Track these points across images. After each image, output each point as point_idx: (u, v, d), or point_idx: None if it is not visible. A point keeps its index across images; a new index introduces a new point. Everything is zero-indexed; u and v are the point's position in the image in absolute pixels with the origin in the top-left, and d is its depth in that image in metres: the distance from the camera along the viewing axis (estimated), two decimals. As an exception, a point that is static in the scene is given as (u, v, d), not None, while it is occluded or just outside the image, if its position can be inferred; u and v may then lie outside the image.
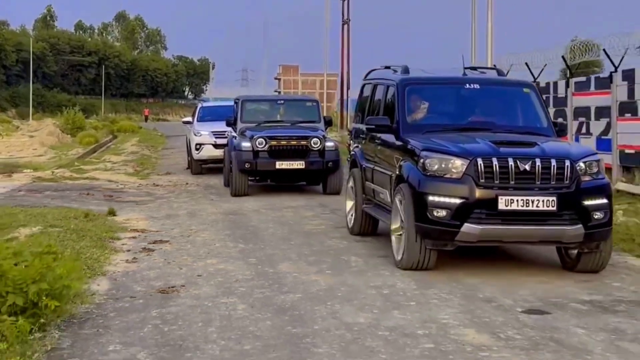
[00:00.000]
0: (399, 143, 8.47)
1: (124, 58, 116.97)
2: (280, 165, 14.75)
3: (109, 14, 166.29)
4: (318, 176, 15.25)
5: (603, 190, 7.62)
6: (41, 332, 5.31)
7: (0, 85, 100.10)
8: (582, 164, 7.52)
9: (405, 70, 9.43)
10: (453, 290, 6.92)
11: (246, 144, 14.81)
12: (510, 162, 7.30)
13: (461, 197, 7.31)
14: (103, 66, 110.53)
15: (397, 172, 8.17)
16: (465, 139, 8.02)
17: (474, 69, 10.05)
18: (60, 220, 9.50)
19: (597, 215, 7.42)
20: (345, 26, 46.68)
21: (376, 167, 9.30)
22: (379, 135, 9.17)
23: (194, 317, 5.95)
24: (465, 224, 7.24)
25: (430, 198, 7.40)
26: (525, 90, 9.20)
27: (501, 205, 7.21)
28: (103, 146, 34.57)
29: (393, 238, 8.11)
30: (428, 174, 7.54)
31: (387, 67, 10.04)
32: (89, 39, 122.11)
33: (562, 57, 16.66)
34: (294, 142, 14.94)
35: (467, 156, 7.42)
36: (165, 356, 5.04)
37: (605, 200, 7.53)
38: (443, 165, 7.48)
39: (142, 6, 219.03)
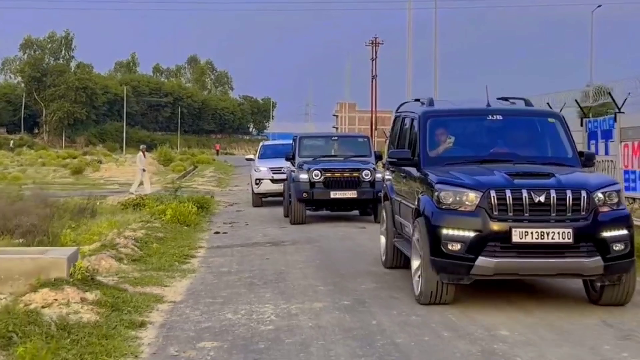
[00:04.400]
0: (419, 176, 8.36)
1: (195, 98, 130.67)
2: (335, 194, 16.21)
3: (182, 57, 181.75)
4: (369, 205, 16.57)
5: (623, 221, 7.37)
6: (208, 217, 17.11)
7: (90, 123, 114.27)
8: (600, 195, 7.33)
9: (430, 102, 9.38)
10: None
11: (304, 176, 16.35)
12: (524, 193, 7.16)
13: (475, 230, 7.15)
14: (178, 106, 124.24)
15: (416, 206, 8.05)
16: (483, 170, 7.86)
17: (506, 99, 9.66)
18: (196, 198, 21.34)
19: (617, 246, 7.22)
20: (374, 65, 58.40)
21: (402, 201, 9.18)
22: (404, 168, 9.09)
23: (247, 215, 17.63)
24: (480, 258, 7.10)
25: (445, 231, 7.26)
26: (550, 120, 9.01)
27: (515, 238, 7.06)
28: (189, 173, 46.88)
29: (413, 272, 8.00)
30: (443, 207, 7.40)
31: (417, 100, 9.97)
32: (166, 81, 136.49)
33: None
34: (347, 174, 16.39)
35: (480, 188, 7.28)
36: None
37: (625, 232, 7.31)
38: (457, 198, 7.33)
39: (212, 50, 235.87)
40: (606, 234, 7.21)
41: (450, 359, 5.90)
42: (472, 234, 7.15)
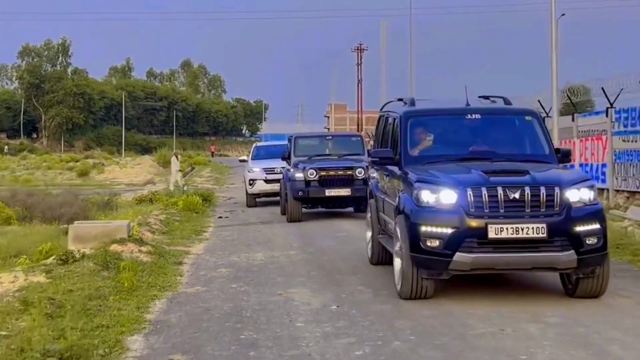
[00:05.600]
0: (400, 174, 8.54)
1: (189, 102, 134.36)
2: (330, 192, 16.69)
3: (175, 62, 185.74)
4: (362, 202, 15.79)
5: (596, 215, 7.54)
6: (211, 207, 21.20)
7: (88, 128, 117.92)
8: (573, 191, 7.55)
9: (412, 102, 9.56)
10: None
11: (299, 175, 16.80)
12: (500, 190, 7.34)
13: (452, 227, 7.33)
14: (173, 110, 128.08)
15: (396, 204, 8.24)
16: (460, 169, 8.03)
17: (486, 97, 9.87)
18: (200, 192, 25.28)
19: (590, 241, 7.41)
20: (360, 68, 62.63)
21: (386, 198, 9.33)
22: (387, 166, 9.27)
23: (247, 213, 21.66)
24: (457, 253, 7.28)
25: (423, 228, 7.46)
26: (527, 118, 9.15)
27: (491, 234, 7.24)
28: (188, 173, 50.89)
29: (394, 267, 8.23)
30: (422, 205, 7.59)
31: (400, 100, 10.11)
32: (160, 85, 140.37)
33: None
34: (341, 172, 16.82)
35: (457, 186, 7.46)
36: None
37: (598, 226, 7.49)
38: (435, 196, 7.52)
39: (205, 54, 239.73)
40: (579, 228, 7.40)
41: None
42: (449, 231, 7.36)
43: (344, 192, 16.73)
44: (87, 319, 6.90)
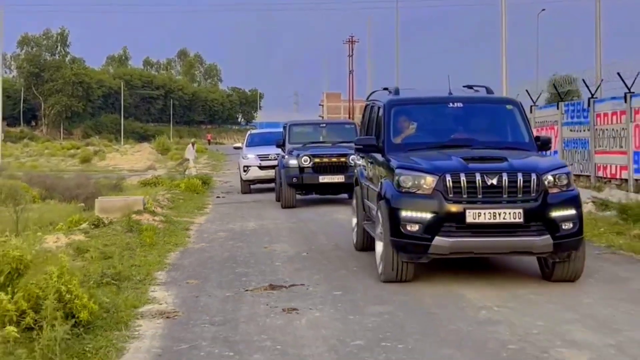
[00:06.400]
0: (383, 161, 8.70)
1: (186, 90, 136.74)
2: (323, 179, 16.99)
3: (172, 51, 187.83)
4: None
5: (572, 201, 7.71)
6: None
7: (86, 116, 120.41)
8: (550, 177, 7.68)
9: (396, 91, 9.74)
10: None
11: (293, 162, 17.16)
12: (478, 177, 7.51)
13: (432, 212, 7.50)
14: (170, 98, 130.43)
15: (378, 190, 8.44)
16: (440, 156, 8.20)
17: (470, 87, 10.10)
18: (200, 176, 27.84)
19: (566, 225, 7.58)
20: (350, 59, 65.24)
21: (370, 185, 9.49)
22: (371, 154, 9.41)
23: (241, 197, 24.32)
24: (436, 238, 7.46)
25: (404, 213, 7.63)
26: (508, 107, 9.35)
27: (469, 219, 7.43)
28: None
29: (376, 252, 8.42)
30: (402, 190, 7.76)
31: (385, 89, 10.31)
32: (157, 74, 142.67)
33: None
34: (334, 159, 17.13)
35: (436, 173, 7.63)
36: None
37: (574, 212, 7.66)
38: (415, 182, 7.69)
39: (202, 43, 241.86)
40: (555, 214, 7.57)
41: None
42: (429, 216, 7.54)
43: (338, 178, 16.93)
44: (124, 261, 9.51)
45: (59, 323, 5.60)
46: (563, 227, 7.60)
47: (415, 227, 7.61)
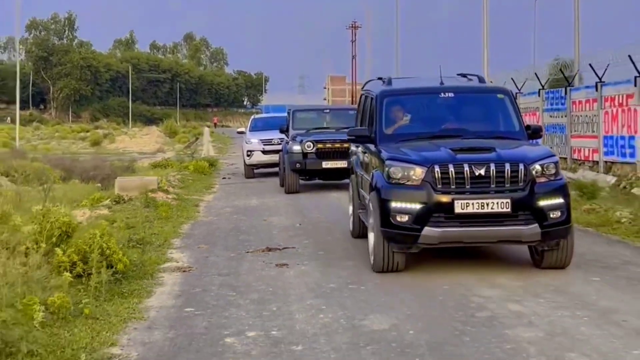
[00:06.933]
0: (375, 152, 8.81)
1: (192, 74, 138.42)
2: (326, 164, 17.01)
3: (178, 34, 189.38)
4: None
5: (559, 190, 7.84)
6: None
7: (94, 99, 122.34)
8: (537, 167, 7.79)
9: (389, 81, 9.85)
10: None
11: (296, 147, 17.34)
12: (466, 167, 7.62)
13: (421, 203, 7.63)
14: (177, 82, 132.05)
15: (370, 180, 8.60)
16: (430, 147, 8.31)
17: (464, 75, 10.18)
18: (206, 159, 29.55)
19: (554, 214, 7.70)
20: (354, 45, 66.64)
21: (364, 175, 9.60)
22: (365, 144, 9.50)
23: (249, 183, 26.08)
24: (426, 228, 7.59)
25: (393, 204, 7.76)
26: (499, 96, 9.42)
27: (457, 209, 7.54)
28: (193, 143, 55.16)
29: (369, 241, 8.50)
30: (392, 181, 7.88)
31: (380, 78, 10.39)
32: (163, 58, 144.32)
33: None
34: (337, 145, 17.07)
35: (425, 164, 7.75)
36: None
37: (561, 200, 7.78)
38: (405, 173, 7.81)
39: (208, 27, 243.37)
40: (543, 203, 7.68)
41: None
42: (418, 206, 7.65)
43: (341, 164, 16.74)
44: (145, 230, 11.27)
45: (103, 271, 7.36)
46: (551, 215, 7.71)
47: (405, 218, 7.73)
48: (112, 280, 7.52)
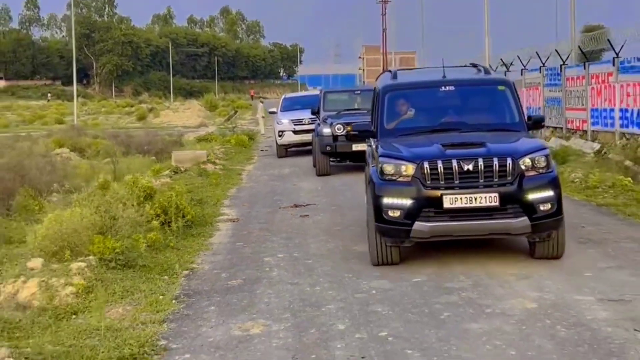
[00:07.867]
0: (375, 147, 8.93)
1: (229, 47, 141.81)
2: (357, 147, 16.54)
3: (214, 8, 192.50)
4: None
5: (549, 183, 7.91)
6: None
7: (136, 74, 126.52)
8: (527, 160, 7.88)
9: (395, 75, 9.94)
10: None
11: (327, 130, 17.64)
12: (454, 163, 7.75)
13: (411, 198, 7.81)
14: (215, 55, 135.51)
15: (367, 176, 8.89)
16: (423, 142, 8.38)
17: (475, 65, 10.34)
18: (246, 132, 32.81)
19: (544, 207, 7.78)
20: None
21: (367, 168, 9.69)
22: (369, 139, 9.67)
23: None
24: (416, 223, 7.77)
25: (386, 200, 7.94)
26: (500, 87, 9.43)
27: (446, 204, 7.71)
28: (232, 116, 58.55)
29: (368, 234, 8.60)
30: (385, 177, 8.07)
31: (389, 71, 10.44)
32: (201, 32, 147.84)
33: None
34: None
35: (415, 160, 7.91)
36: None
37: (551, 193, 7.86)
38: (396, 170, 7.99)
39: (243, 0, 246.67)
40: (532, 196, 7.76)
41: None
42: (408, 202, 7.82)
43: None
44: (201, 193, 14.58)
45: (179, 220, 10.65)
46: (541, 208, 7.81)
47: (397, 213, 7.91)
48: (185, 226, 10.82)
